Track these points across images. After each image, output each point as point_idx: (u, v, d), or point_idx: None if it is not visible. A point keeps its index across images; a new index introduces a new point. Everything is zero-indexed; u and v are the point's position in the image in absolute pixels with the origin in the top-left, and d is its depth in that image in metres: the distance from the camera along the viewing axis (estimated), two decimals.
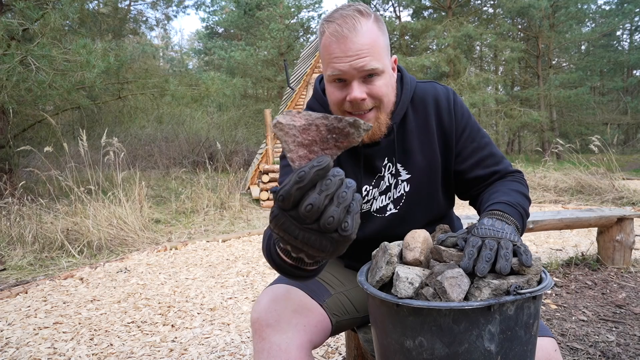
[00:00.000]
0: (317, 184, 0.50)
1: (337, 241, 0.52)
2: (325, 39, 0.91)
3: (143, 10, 18.52)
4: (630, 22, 22.69)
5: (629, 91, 23.11)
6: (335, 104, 0.96)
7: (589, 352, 1.78)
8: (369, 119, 0.95)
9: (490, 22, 22.04)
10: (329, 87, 0.96)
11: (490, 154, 1.07)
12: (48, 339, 2.15)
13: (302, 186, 0.49)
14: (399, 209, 1.07)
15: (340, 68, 0.89)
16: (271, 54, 18.98)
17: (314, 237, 0.51)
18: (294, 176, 0.49)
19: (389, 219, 1.08)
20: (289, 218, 0.51)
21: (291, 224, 0.51)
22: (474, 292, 0.67)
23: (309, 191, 0.50)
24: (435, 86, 1.09)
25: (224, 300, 2.68)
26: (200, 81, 8.56)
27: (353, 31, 0.88)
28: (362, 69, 0.89)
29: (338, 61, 0.89)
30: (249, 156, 12.76)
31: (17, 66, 5.21)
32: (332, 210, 0.50)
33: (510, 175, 1.06)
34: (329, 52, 0.90)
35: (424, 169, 1.06)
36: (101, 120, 9.32)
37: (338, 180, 0.50)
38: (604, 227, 2.95)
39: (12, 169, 7.02)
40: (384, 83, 0.94)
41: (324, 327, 1.00)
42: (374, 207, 1.08)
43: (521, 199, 0.95)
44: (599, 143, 6.79)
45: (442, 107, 1.05)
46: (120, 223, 4.55)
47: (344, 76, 0.91)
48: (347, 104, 0.93)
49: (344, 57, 0.88)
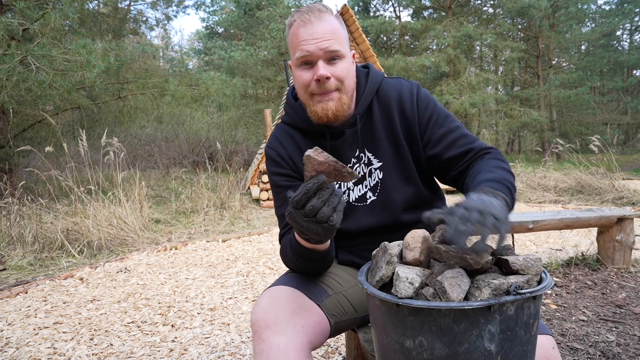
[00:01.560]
0: (317, 193, 0.77)
1: (327, 229, 0.79)
2: (293, 28, 1.02)
3: (143, 10, 18.51)
4: (630, 22, 22.68)
5: (629, 91, 23.11)
6: (303, 87, 1.05)
7: (589, 352, 1.78)
8: (332, 98, 1.04)
9: (490, 22, 22.03)
10: (296, 72, 1.05)
11: (462, 135, 1.09)
12: (48, 339, 2.15)
13: (308, 195, 0.76)
14: (377, 196, 1.14)
15: (308, 49, 0.99)
16: (271, 54, 18.95)
17: (313, 225, 0.79)
18: (303, 188, 0.76)
19: (370, 207, 1.14)
20: (298, 214, 0.78)
21: (300, 217, 0.78)
22: (474, 292, 0.67)
23: (311, 198, 0.77)
24: (400, 81, 1.16)
25: (224, 300, 2.68)
26: (200, 81, 8.55)
27: (318, 18, 1.00)
28: (327, 49, 0.99)
29: (305, 43, 0.99)
30: (249, 156, 12.75)
31: (17, 66, 5.21)
32: (324, 209, 0.77)
33: (487, 152, 1.07)
34: (297, 37, 1.01)
35: (392, 156, 1.12)
36: (101, 120, 9.32)
37: (330, 191, 0.78)
38: (604, 227, 2.95)
39: (12, 169, 7.01)
40: (346, 67, 1.04)
41: (322, 328, 1.00)
42: (352, 198, 1.16)
43: (505, 174, 0.95)
44: (599, 143, 6.79)
45: (404, 99, 1.12)
46: (120, 223, 4.55)
47: (311, 57, 1.00)
48: (313, 85, 1.03)
49: (310, 39, 0.99)
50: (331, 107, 1.04)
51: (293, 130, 1.17)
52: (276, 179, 1.15)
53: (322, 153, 0.76)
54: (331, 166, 0.76)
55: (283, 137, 1.17)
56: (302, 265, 1.04)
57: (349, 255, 1.21)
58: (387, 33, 22.76)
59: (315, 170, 0.77)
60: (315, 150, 0.77)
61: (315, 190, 0.76)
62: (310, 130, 1.14)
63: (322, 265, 1.05)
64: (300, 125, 1.15)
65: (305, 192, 0.76)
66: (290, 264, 1.08)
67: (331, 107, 1.04)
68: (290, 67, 1.09)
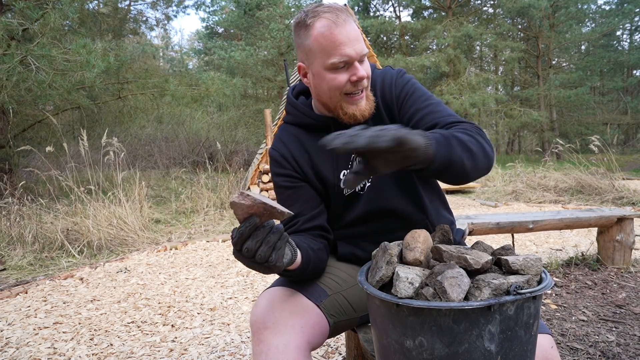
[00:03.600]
0: (251, 235, 0.75)
1: (268, 267, 0.78)
2: (323, 30, 0.98)
3: (143, 10, 18.52)
4: (630, 22, 22.68)
5: (629, 91, 23.11)
6: (337, 89, 1.03)
7: (589, 352, 1.78)
8: (363, 97, 1.06)
9: (490, 22, 22.04)
10: (329, 75, 1.02)
11: (431, 111, 1.04)
12: (48, 339, 2.15)
13: (242, 238, 0.75)
14: (372, 182, 1.14)
15: (348, 53, 0.98)
16: (271, 54, 18.95)
17: (255, 265, 0.78)
18: (237, 231, 0.75)
19: (367, 194, 1.14)
20: (239, 254, 0.77)
21: (241, 257, 0.77)
22: (474, 292, 0.67)
23: (247, 239, 0.75)
24: (386, 69, 1.18)
25: (224, 300, 2.68)
26: (200, 81, 8.55)
27: (346, 21, 0.98)
28: (361, 52, 1.00)
29: (344, 47, 0.98)
30: (249, 156, 12.75)
31: (17, 66, 5.21)
32: (261, 250, 0.75)
33: (454, 125, 0.97)
34: (333, 40, 0.98)
35: None
36: (101, 120, 9.32)
37: (267, 230, 0.76)
38: (604, 227, 2.95)
39: (12, 169, 7.02)
40: (369, 65, 1.06)
41: (321, 328, 1.01)
42: (358, 187, 1.14)
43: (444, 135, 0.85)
44: (599, 143, 6.79)
45: (386, 82, 1.13)
46: (120, 223, 4.55)
47: (350, 60, 0.99)
48: (348, 86, 1.02)
49: (348, 42, 0.98)
50: (364, 107, 1.06)
51: (296, 129, 1.17)
52: (278, 179, 1.15)
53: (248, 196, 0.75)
54: (260, 207, 0.75)
55: (286, 137, 1.17)
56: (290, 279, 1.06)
57: (349, 247, 1.20)
58: (387, 33, 22.77)
59: (246, 213, 0.76)
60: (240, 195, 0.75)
61: (249, 233, 0.75)
62: (315, 124, 1.14)
63: (307, 278, 1.05)
64: (304, 121, 1.15)
65: (239, 235, 0.75)
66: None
67: (363, 106, 1.06)
68: (300, 67, 1.08)
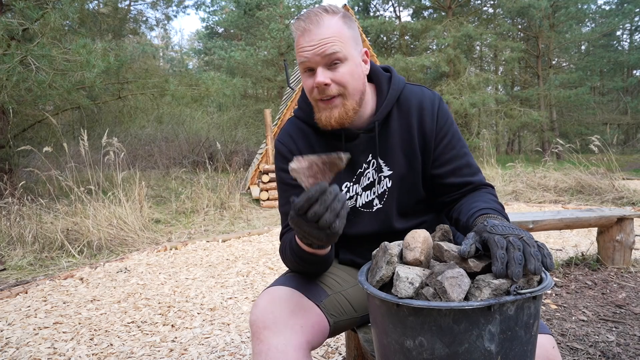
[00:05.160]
0: (319, 199, 0.75)
1: (328, 234, 0.79)
2: (294, 34, 1.02)
3: (143, 10, 18.49)
4: (630, 22, 22.67)
5: (629, 91, 23.09)
6: (308, 93, 1.05)
7: (589, 352, 1.78)
8: (336, 105, 1.02)
9: (490, 22, 22.03)
10: (303, 78, 1.04)
11: (467, 164, 1.10)
12: (48, 339, 2.15)
13: (310, 202, 0.75)
14: (383, 204, 1.13)
15: (305, 55, 0.98)
16: (271, 54, 18.95)
17: (315, 231, 0.78)
18: (305, 195, 0.75)
19: (375, 214, 1.13)
20: (301, 219, 0.77)
21: (302, 222, 0.78)
22: (474, 292, 0.67)
23: (313, 204, 0.75)
24: (423, 90, 1.13)
25: (224, 300, 2.68)
26: (200, 81, 8.55)
27: (316, 24, 0.97)
28: (323, 54, 0.96)
29: (303, 50, 0.98)
30: (249, 156, 12.76)
31: (17, 66, 5.21)
32: (327, 216, 0.75)
33: (484, 188, 1.09)
34: (298, 45, 1.00)
35: (404, 166, 1.11)
36: (101, 120, 9.33)
37: (332, 196, 0.76)
38: (604, 227, 2.95)
39: (12, 169, 7.02)
40: (348, 71, 0.99)
41: (321, 328, 1.00)
42: (359, 203, 1.14)
43: (500, 207, 0.98)
44: (599, 143, 6.78)
45: (425, 110, 1.09)
46: (120, 223, 4.55)
47: (310, 64, 0.98)
48: (315, 92, 1.01)
49: (307, 46, 0.97)
50: (334, 115, 1.01)
51: (306, 127, 1.14)
52: (283, 175, 1.12)
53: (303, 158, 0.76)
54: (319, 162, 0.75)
55: (295, 132, 1.14)
56: (301, 267, 1.04)
57: (350, 255, 1.21)
58: (387, 33, 22.76)
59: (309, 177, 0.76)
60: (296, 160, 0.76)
61: (318, 196, 0.75)
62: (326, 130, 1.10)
63: (320, 268, 1.06)
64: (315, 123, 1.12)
65: (307, 198, 0.75)
66: (289, 264, 1.07)
67: (334, 115, 1.01)
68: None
